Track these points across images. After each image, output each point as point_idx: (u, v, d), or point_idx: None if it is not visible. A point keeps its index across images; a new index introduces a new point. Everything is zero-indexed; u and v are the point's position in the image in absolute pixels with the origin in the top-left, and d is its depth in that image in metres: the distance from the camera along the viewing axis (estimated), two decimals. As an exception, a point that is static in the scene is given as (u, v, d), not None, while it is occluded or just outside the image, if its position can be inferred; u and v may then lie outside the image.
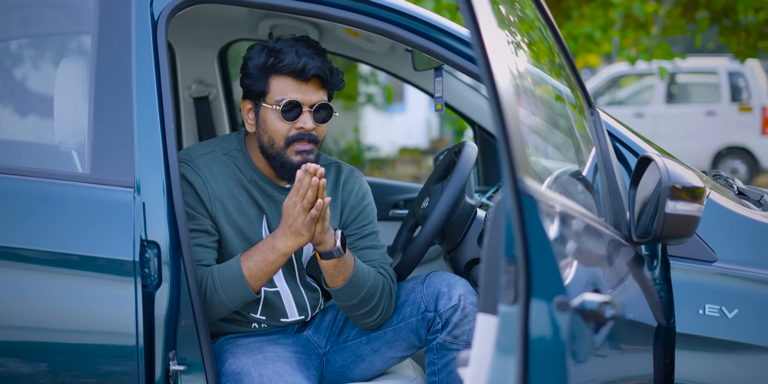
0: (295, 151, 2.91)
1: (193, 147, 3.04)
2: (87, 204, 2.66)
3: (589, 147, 2.79)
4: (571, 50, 9.66)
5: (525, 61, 2.59)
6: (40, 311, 2.60)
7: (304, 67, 2.88)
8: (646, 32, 9.50)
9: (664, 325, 2.79)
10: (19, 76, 3.15)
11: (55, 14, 3.07)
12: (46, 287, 2.60)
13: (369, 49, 4.01)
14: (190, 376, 2.67)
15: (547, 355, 1.82)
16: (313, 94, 2.92)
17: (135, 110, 2.70)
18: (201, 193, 2.90)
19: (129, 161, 2.66)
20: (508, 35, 2.39)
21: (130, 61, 2.73)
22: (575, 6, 9.40)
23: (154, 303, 2.61)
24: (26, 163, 2.81)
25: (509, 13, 2.54)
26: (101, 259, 2.61)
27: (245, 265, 2.82)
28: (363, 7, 2.91)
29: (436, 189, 3.21)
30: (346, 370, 3.08)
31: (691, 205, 2.52)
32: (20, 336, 2.61)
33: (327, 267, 2.86)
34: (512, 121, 1.77)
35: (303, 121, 2.90)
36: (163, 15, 2.80)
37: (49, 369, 2.60)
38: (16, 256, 2.59)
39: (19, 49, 3.09)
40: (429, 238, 3.09)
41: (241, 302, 2.87)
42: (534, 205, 1.81)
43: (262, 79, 2.93)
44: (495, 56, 1.80)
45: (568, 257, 2.01)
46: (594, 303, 1.86)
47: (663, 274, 2.83)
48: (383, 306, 2.96)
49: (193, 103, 4.32)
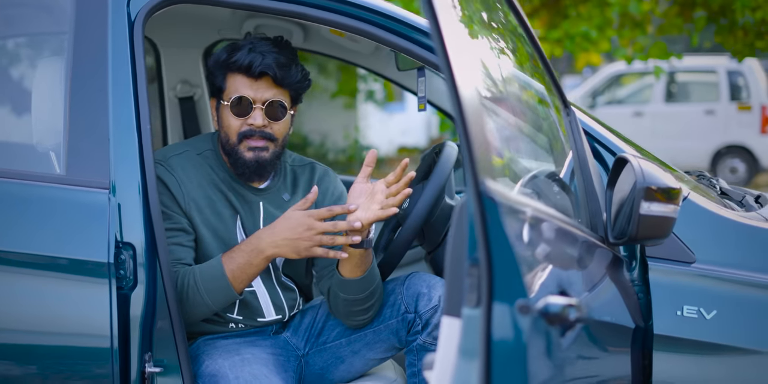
0: (247, 147, 2.93)
1: (167, 147, 3.04)
2: (61, 205, 2.65)
3: (566, 148, 2.78)
4: (567, 49, 9.66)
5: (496, 61, 2.58)
6: (13, 313, 2.59)
7: (251, 64, 2.89)
8: (642, 31, 9.49)
9: (642, 326, 2.77)
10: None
11: (32, 14, 3.05)
12: (19, 289, 2.59)
13: (354, 49, 3.99)
14: (166, 378, 2.66)
15: (510, 358, 1.81)
16: (266, 92, 2.92)
17: (111, 111, 2.69)
18: (175, 193, 2.90)
19: (104, 162, 2.65)
20: (477, 36, 2.38)
21: (107, 61, 2.73)
22: (572, 5, 9.39)
23: (129, 305, 2.61)
24: (4, 164, 2.79)
25: (479, 13, 2.53)
26: (76, 261, 2.60)
27: (228, 267, 2.81)
28: (341, 7, 2.90)
29: (416, 189, 3.20)
30: (326, 372, 3.07)
31: (666, 206, 2.51)
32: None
33: (354, 256, 2.84)
34: (474, 123, 1.75)
35: (253, 117, 2.91)
36: (140, 15, 2.79)
37: (24, 371, 2.60)
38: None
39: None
40: (408, 239, 3.08)
41: (223, 303, 2.86)
42: (495, 207, 1.80)
43: (220, 76, 2.96)
44: (456, 57, 1.78)
45: (533, 260, 2.00)
46: (557, 306, 1.85)
47: (641, 275, 2.82)
48: (377, 304, 2.97)
49: (179, 104, 4.31)
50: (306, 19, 2.95)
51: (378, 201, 2.80)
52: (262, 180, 3.02)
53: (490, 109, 2.23)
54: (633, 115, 14.83)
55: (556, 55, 9.85)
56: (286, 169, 3.10)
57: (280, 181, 3.07)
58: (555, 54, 9.80)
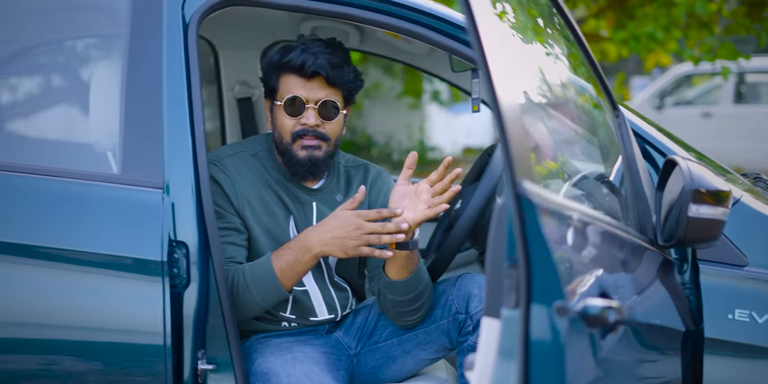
0: (300, 146, 2.96)
1: (222, 148, 3.08)
2: (117, 205, 2.69)
3: (616, 149, 2.76)
4: (633, 50, 9.58)
5: (541, 62, 2.58)
6: (71, 309, 2.63)
7: (303, 64, 2.93)
8: (709, 32, 9.37)
9: (693, 329, 2.75)
10: (56, 78, 3.20)
11: (89, 17, 3.11)
12: (75, 286, 2.63)
13: (409, 50, 4.02)
14: (218, 375, 2.69)
15: (548, 359, 1.81)
16: (318, 91, 2.95)
17: (165, 112, 2.73)
18: (229, 193, 2.94)
19: (158, 162, 2.69)
20: (520, 36, 2.38)
21: (161, 62, 2.77)
22: (639, 5, 9.31)
23: (182, 303, 2.64)
24: (65, 164, 2.85)
25: (522, 13, 2.53)
26: (130, 259, 2.63)
27: (277, 264, 2.84)
28: (389, 8, 2.91)
29: (468, 191, 3.21)
30: (377, 372, 3.09)
31: (715, 209, 2.49)
32: (50, 334, 2.64)
33: (399, 258, 2.86)
34: (512, 125, 1.76)
35: (306, 116, 2.95)
36: (194, 17, 2.83)
37: (78, 367, 2.64)
38: (46, 255, 2.63)
39: (55, 51, 3.14)
40: (459, 241, 3.09)
41: (273, 301, 2.89)
42: (533, 209, 1.80)
43: (273, 77, 3.01)
44: (494, 57, 1.79)
45: (573, 261, 2.00)
46: (596, 308, 1.85)
47: (692, 278, 2.80)
48: (426, 304, 2.98)
49: (237, 104, 4.36)
50: (354, 20, 2.98)
51: (424, 200, 2.82)
52: (315, 179, 3.05)
53: (535, 110, 2.23)
54: (702, 116, 14.63)
55: (624, 56, 9.76)
56: (340, 170, 3.13)
57: (334, 182, 3.10)
58: (622, 54, 9.72)
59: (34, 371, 2.63)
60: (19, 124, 3.08)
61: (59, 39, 3.09)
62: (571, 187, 2.41)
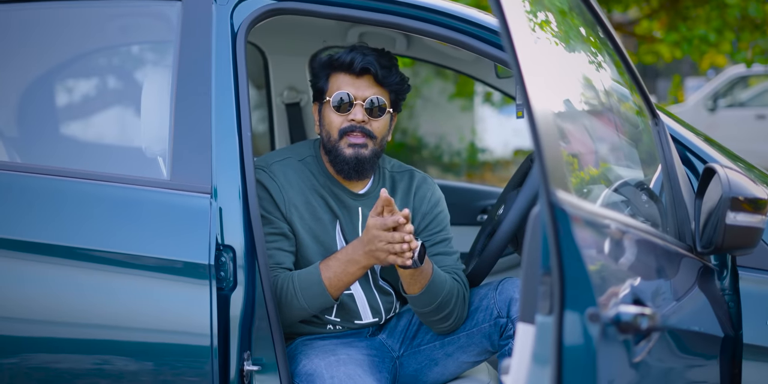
0: (347, 144, 3.02)
1: (269, 154, 3.14)
2: (167, 209, 2.75)
3: (655, 156, 2.78)
4: (685, 52, 9.52)
5: (578, 69, 2.60)
6: (121, 311, 2.69)
7: (353, 61, 3.01)
8: (762, 34, 9.29)
9: (732, 335, 2.76)
10: (108, 86, 3.27)
11: (140, 24, 3.18)
12: (124, 288, 2.69)
13: (455, 56, 4.05)
14: (264, 376, 2.74)
15: (581, 365, 1.85)
16: (366, 90, 3.03)
17: (213, 118, 2.79)
18: (277, 199, 2.99)
19: (206, 168, 2.75)
20: (560, 44, 2.41)
21: (210, 70, 2.83)
22: (692, 6, 9.25)
23: (229, 305, 2.69)
24: (119, 170, 2.91)
25: (558, 19, 2.55)
26: (179, 262, 2.69)
27: (325, 274, 2.90)
28: (435, 17, 2.95)
29: (511, 196, 3.24)
30: (420, 374, 3.13)
31: (753, 217, 2.51)
32: (101, 335, 2.70)
33: (404, 275, 2.92)
34: (546, 134, 1.80)
35: (354, 113, 3.01)
36: (243, 26, 2.89)
37: (131, 367, 2.69)
38: (99, 259, 2.69)
39: (107, 60, 3.21)
40: (501, 246, 3.12)
41: (320, 307, 2.96)
42: (567, 218, 1.84)
43: (323, 77, 3.08)
44: (528, 64, 1.83)
45: (608, 269, 2.03)
46: (629, 315, 1.88)
47: (732, 284, 2.81)
48: (457, 312, 3.01)
49: (285, 109, 4.42)
50: (402, 29, 3.02)
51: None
52: (361, 179, 3.09)
53: (574, 118, 2.26)
54: (755, 118, 14.47)
55: (677, 57, 9.71)
56: (385, 175, 3.18)
57: (379, 187, 3.15)
58: (675, 56, 9.67)
59: (88, 370, 2.69)
60: (74, 131, 3.16)
61: (111, 47, 3.17)
62: (612, 194, 2.44)
